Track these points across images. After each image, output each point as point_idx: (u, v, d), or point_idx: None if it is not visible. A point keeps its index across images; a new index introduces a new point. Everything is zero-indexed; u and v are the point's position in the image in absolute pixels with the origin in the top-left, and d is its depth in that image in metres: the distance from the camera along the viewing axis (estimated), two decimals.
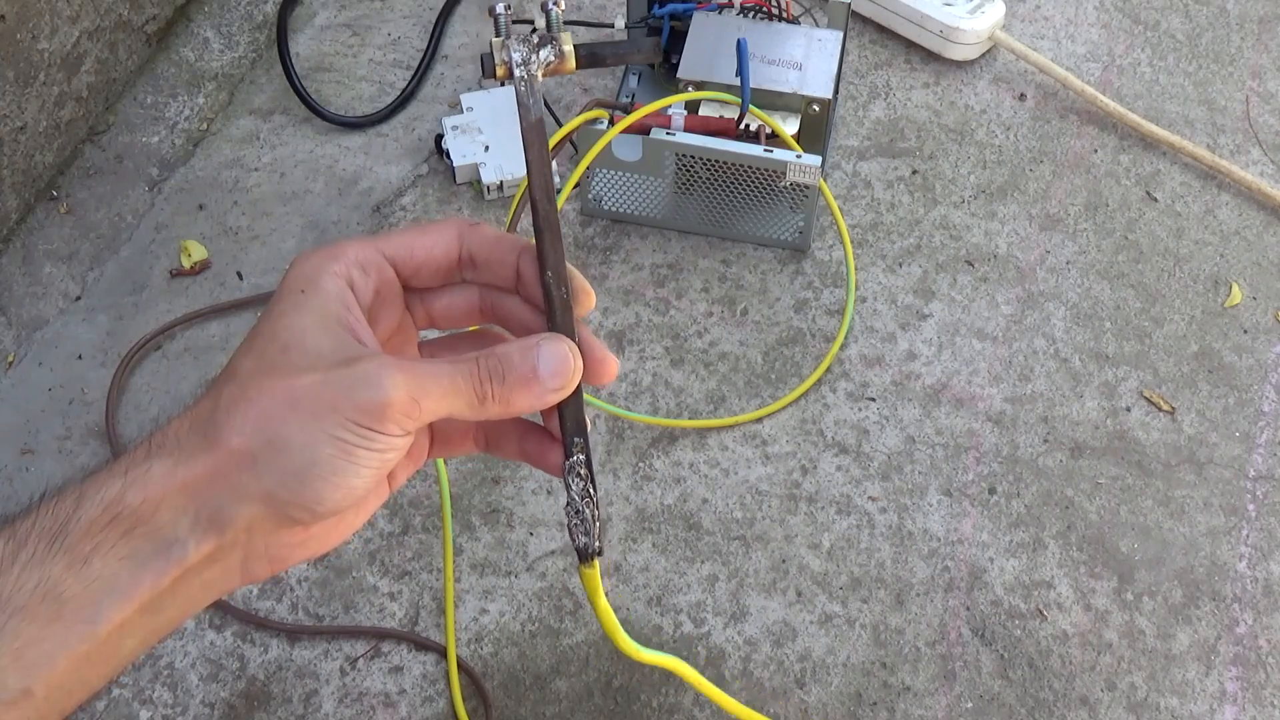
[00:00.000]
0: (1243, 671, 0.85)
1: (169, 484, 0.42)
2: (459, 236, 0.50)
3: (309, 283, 0.46)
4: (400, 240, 0.49)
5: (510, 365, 0.46)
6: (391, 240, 0.49)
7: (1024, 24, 1.23)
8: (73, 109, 1.08)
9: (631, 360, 0.99)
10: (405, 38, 1.20)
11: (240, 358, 0.45)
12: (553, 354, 0.47)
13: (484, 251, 0.50)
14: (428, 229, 0.49)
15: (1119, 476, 0.94)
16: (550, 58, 0.46)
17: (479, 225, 0.50)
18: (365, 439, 0.43)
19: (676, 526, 0.90)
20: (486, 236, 0.50)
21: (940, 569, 0.89)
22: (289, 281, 0.47)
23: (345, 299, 0.47)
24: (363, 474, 0.43)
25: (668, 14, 1.06)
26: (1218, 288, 1.05)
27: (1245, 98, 1.18)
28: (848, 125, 1.14)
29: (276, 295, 0.46)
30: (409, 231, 0.50)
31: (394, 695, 0.83)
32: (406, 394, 0.43)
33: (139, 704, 0.83)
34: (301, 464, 0.42)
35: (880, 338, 1.00)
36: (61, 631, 0.40)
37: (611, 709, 0.83)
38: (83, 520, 0.41)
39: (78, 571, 0.40)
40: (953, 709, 0.83)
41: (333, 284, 0.47)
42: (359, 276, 0.48)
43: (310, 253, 0.48)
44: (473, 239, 0.50)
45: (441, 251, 0.49)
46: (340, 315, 0.46)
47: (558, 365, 0.47)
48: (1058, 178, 1.11)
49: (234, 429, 0.42)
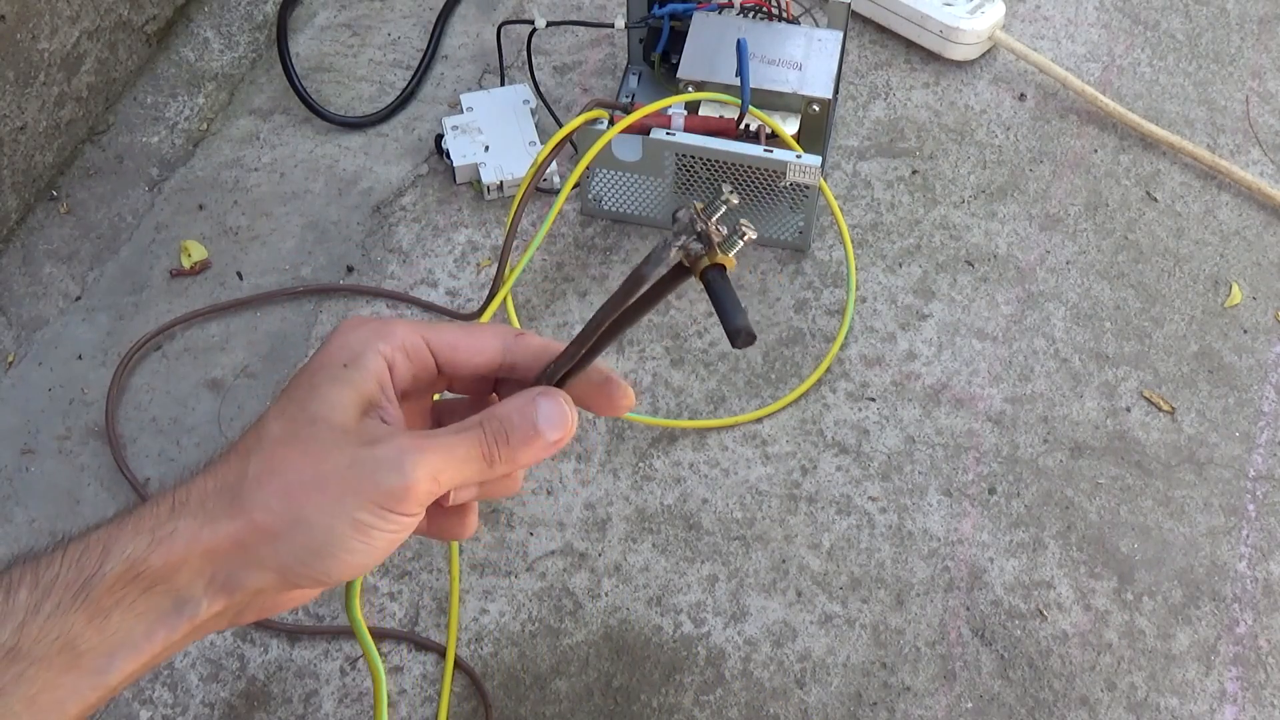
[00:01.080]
0: (1243, 671, 0.85)
1: (193, 549, 0.43)
2: (504, 349, 0.51)
3: (354, 358, 0.47)
4: (448, 337, 0.50)
5: (512, 426, 0.47)
6: (441, 333, 0.50)
7: (1024, 24, 1.23)
8: (73, 109, 1.08)
9: (631, 360, 0.99)
10: (405, 38, 1.20)
11: (270, 421, 0.46)
12: (550, 410, 0.48)
13: (525, 362, 0.50)
14: (476, 333, 0.50)
15: (1119, 476, 0.94)
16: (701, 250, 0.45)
17: (525, 336, 0.51)
18: (383, 520, 0.44)
19: (676, 526, 0.90)
20: (532, 348, 0.50)
21: (940, 569, 0.89)
22: (333, 351, 0.48)
23: (384, 380, 0.48)
24: (375, 553, 0.45)
25: (668, 14, 1.06)
26: (1218, 288, 1.05)
27: (1245, 98, 1.18)
28: (848, 125, 1.14)
29: (319, 359, 0.48)
30: (458, 330, 0.50)
31: (394, 695, 0.83)
32: (427, 474, 0.45)
33: (139, 704, 0.83)
34: (320, 543, 0.44)
35: (880, 338, 1.00)
36: (75, 680, 0.43)
37: (611, 709, 0.83)
38: (107, 576, 0.43)
39: (99, 625, 0.43)
40: (953, 709, 0.83)
41: (376, 364, 0.48)
42: (401, 361, 0.49)
43: (359, 323, 0.49)
44: (517, 351, 0.51)
45: (485, 360, 0.50)
46: (374, 396, 0.47)
47: (556, 419, 0.48)
48: (1058, 178, 1.11)
49: (259, 503, 0.44)
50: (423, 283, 1.03)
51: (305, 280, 1.03)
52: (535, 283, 1.03)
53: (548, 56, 1.18)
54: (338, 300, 1.02)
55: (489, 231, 1.06)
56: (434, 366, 0.50)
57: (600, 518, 0.91)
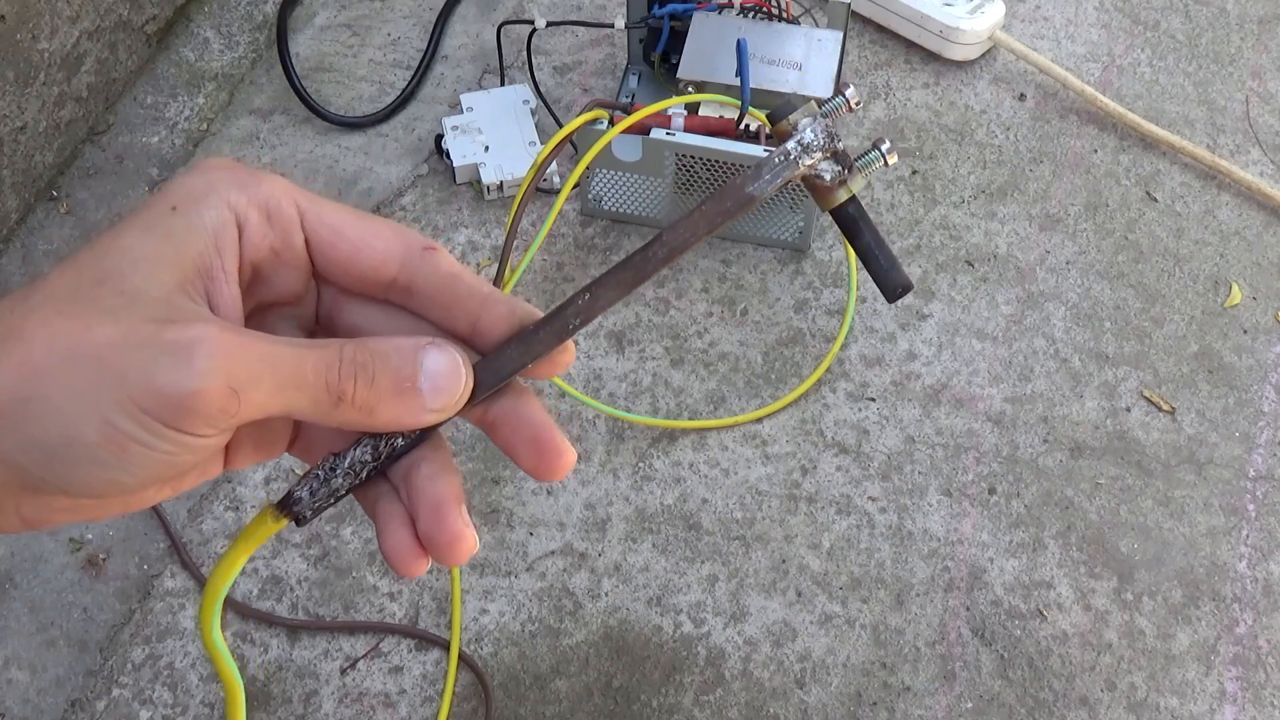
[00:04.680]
0: (1243, 671, 0.85)
1: None
2: (403, 257, 0.38)
3: (190, 201, 0.35)
4: (333, 217, 0.37)
5: (385, 363, 0.35)
6: (324, 209, 0.37)
7: (1024, 24, 1.23)
8: (73, 109, 1.08)
9: (631, 360, 0.99)
10: (405, 38, 1.20)
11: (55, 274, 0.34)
12: (442, 364, 0.36)
13: (431, 287, 0.38)
14: (371, 224, 0.38)
15: (1119, 476, 0.94)
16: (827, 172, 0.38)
17: (435, 251, 0.38)
18: (147, 432, 0.32)
19: (676, 526, 0.90)
20: (440, 271, 0.38)
21: (940, 569, 0.89)
22: (167, 191, 0.35)
23: (223, 242, 0.35)
24: (137, 474, 0.33)
25: (668, 14, 1.06)
26: (1218, 288, 1.05)
27: (1245, 98, 1.18)
28: (848, 125, 1.14)
29: (146, 200, 0.35)
30: (348, 212, 0.38)
31: (394, 695, 0.83)
32: (224, 383, 0.32)
33: (139, 704, 0.83)
34: (56, 440, 0.32)
35: (880, 338, 1.00)
36: None
37: (611, 709, 0.83)
38: None
39: None
40: (953, 709, 0.83)
41: (216, 216, 0.35)
42: (257, 225, 0.36)
43: (214, 164, 0.36)
44: (421, 269, 0.38)
45: (373, 261, 0.38)
46: (203, 261, 0.34)
47: (446, 380, 0.36)
48: (1058, 178, 1.11)
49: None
50: None
51: None
52: (536, 283, 1.03)
53: (548, 56, 1.18)
54: None
55: (489, 231, 1.06)
56: (304, 251, 0.37)
57: (600, 518, 0.91)
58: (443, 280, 0.38)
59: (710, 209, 0.37)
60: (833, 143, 0.37)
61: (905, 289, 0.38)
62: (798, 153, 0.37)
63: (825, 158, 0.37)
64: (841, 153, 0.38)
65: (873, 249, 0.38)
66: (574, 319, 0.37)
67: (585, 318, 0.37)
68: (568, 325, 0.37)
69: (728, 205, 0.37)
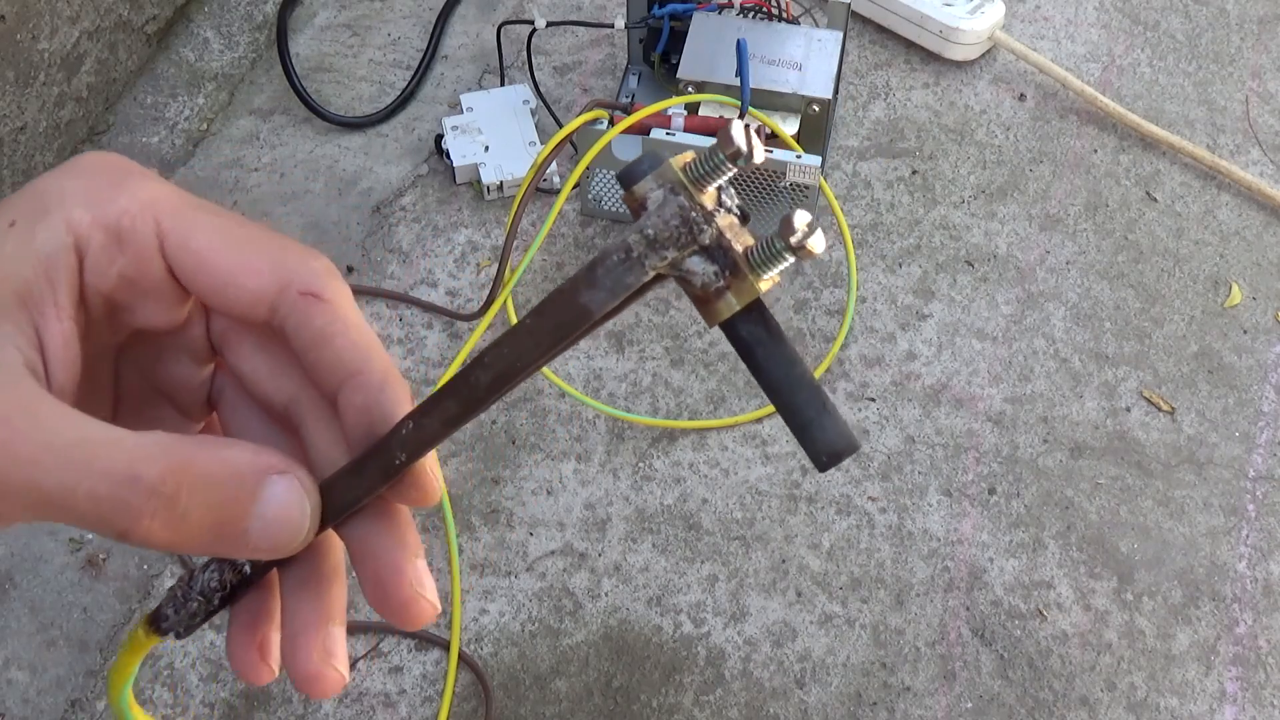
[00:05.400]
0: (1243, 671, 0.85)
1: None
2: (274, 298, 0.31)
3: (29, 218, 0.29)
4: (204, 239, 0.30)
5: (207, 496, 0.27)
6: (193, 228, 0.30)
7: (1024, 24, 1.23)
8: (73, 109, 1.08)
9: (631, 360, 0.99)
10: (405, 38, 1.20)
11: None
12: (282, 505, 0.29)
13: (298, 341, 0.31)
14: (252, 251, 0.31)
15: (1119, 476, 0.94)
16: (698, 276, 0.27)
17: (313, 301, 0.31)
18: None
19: (676, 526, 0.90)
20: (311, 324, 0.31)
21: (940, 569, 0.89)
22: (13, 201, 0.30)
23: (55, 268, 0.29)
24: None
25: (668, 14, 1.06)
26: (1218, 288, 1.05)
27: (1245, 98, 1.18)
28: (848, 125, 1.14)
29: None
30: (228, 235, 0.31)
31: (394, 695, 0.83)
32: None
33: (139, 704, 0.83)
34: None
35: (880, 338, 1.00)
36: None
37: (611, 709, 0.83)
38: None
39: None
40: (953, 709, 0.83)
41: (51, 238, 0.29)
42: (102, 245, 0.30)
43: (80, 167, 0.31)
44: (291, 316, 0.31)
45: (245, 296, 0.31)
46: (28, 289, 0.29)
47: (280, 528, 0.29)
48: (1058, 178, 1.11)
49: None
50: (423, 283, 1.03)
51: None
52: (536, 283, 1.03)
53: (548, 56, 1.18)
54: None
55: (489, 231, 1.06)
56: (167, 279, 0.31)
57: (600, 518, 0.91)
58: (311, 337, 0.30)
59: (539, 326, 0.27)
60: (694, 233, 0.26)
61: (835, 456, 0.26)
62: (641, 249, 0.26)
63: (690, 253, 0.26)
64: (718, 246, 0.26)
65: (786, 389, 0.27)
66: (399, 453, 0.29)
67: (413, 453, 0.29)
68: (393, 461, 0.29)
69: (561, 320, 0.27)
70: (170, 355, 0.33)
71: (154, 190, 0.31)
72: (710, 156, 0.26)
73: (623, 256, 0.26)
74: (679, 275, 0.27)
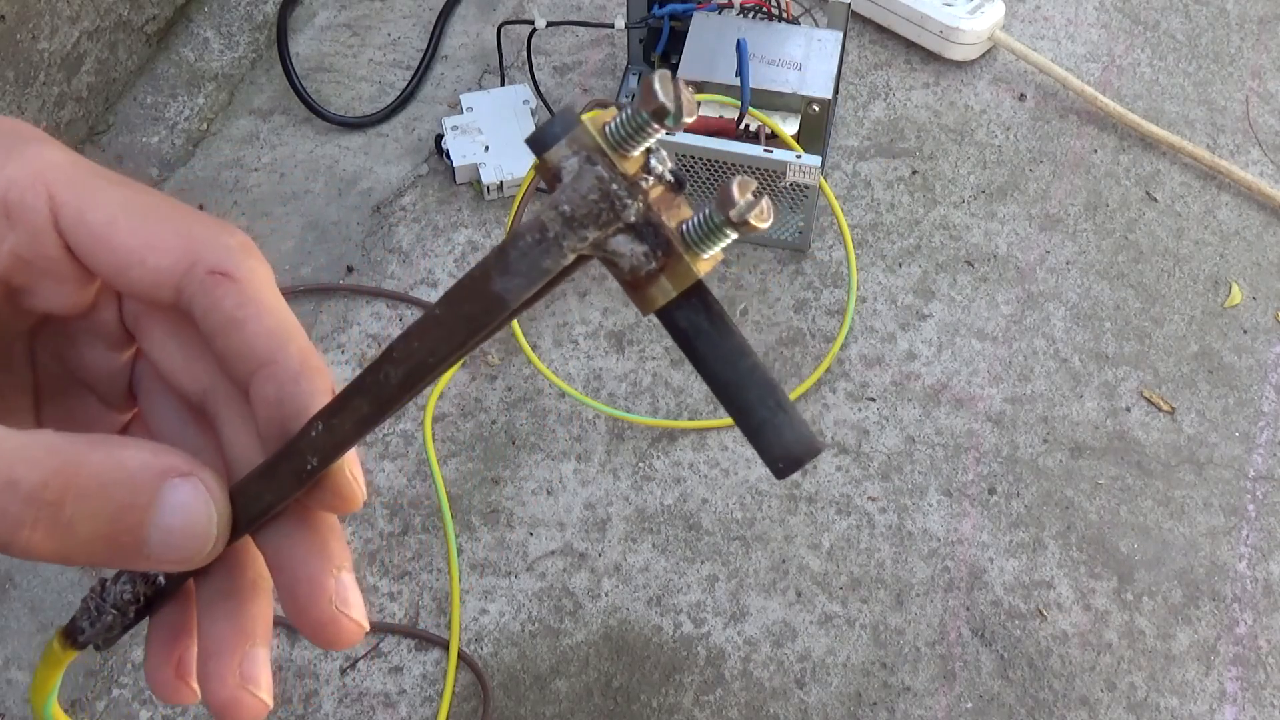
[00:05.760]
0: (1243, 671, 0.85)
1: None
2: (179, 279, 0.28)
3: None
4: (103, 213, 0.28)
5: (98, 504, 0.25)
6: (91, 201, 0.28)
7: (1024, 24, 1.23)
8: (73, 109, 1.08)
9: (631, 360, 0.99)
10: (405, 38, 1.20)
11: None
12: (185, 513, 0.26)
13: (207, 324, 0.28)
14: (156, 225, 0.28)
15: (1119, 476, 0.94)
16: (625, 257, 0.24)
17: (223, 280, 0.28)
18: None
19: (676, 526, 0.90)
20: (221, 307, 0.28)
21: (940, 569, 0.89)
22: None
23: None
24: None
25: (668, 14, 1.06)
26: (1218, 288, 1.05)
27: (1245, 98, 1.18)
28: (848, 125, 1.14)
29: None
30: (131, 207, 0.28)
31: (394, 695, 0.83)
32: None
33: (139, 704, 0.83)
34: None
35: (880, 338, 1.00)
36: None
37: (611, 709, 0.83)
38: None
39: None
40: (953, 709, 0.83)
41: None
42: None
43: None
44: (199, 297, 0.28)
45: (148, 275, 0.28)
46: None
47: (183, 538, 0.26)
48: (1058, 178, 1.11)
49: None
50: (423, 283, 1.03)
51: (305, 280, 1.03)
52: None
53: (548, 56, 1.18)
54: (338, 300, 1.02)
55: (489, 231, 1.06)
56: (66, 257, 0.28)
57: (600, 518, 0.91)
58: (220, 322, 0.28)
59: (450, 316, 0.24)
60: (616, 208, 0.22)
61: (792, 462, 0.23)
62: (558, 228, 0.23)
63: (615, 232, 0.23)
64: (646, 223, 0.22)
65: (734, 385, 0.23)
66: (310, 457, 0.26)
67: (325, 457, 0.26)
68: (305, 466, 0.26)
69: (473, 310, 0.24)
70: (83, 341, 0.30)
71: (48, 157, 0.28)
72: (633, 117, 0.22)
73: (537, 238, 0.23)
74: (604, 256, 0.23)
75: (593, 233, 0.23)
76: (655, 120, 0.22)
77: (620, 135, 0.23)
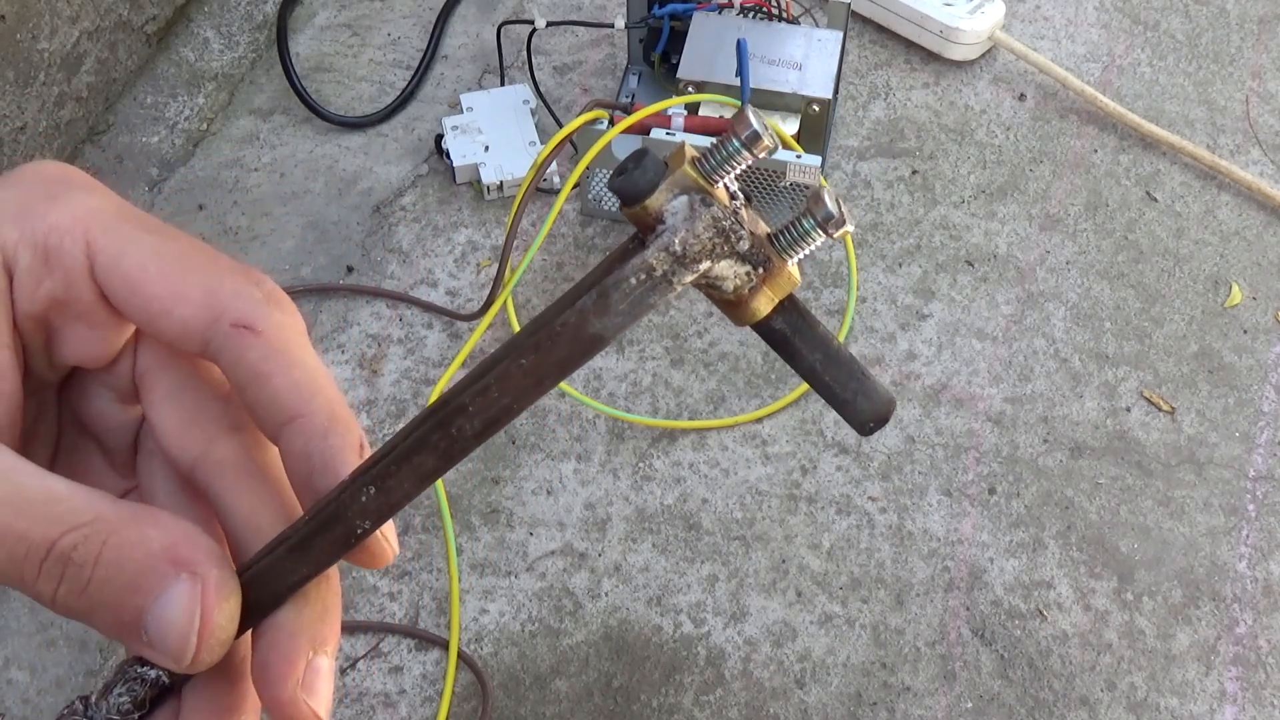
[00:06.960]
0: (1243, 671, 0.85)
1: None
2: (205, 330, 0.28)
3: None
4: (136, 260, 0.28)
5: (110, 575, 0.25)
6: (127, 248, 0.28)
7: (1024, 24, 1.23)
8: (73, 109, 1.08)
9: (631, 360, 0.99)
10: (405, 38, 1.20)
11: None
12: (174, 616, 0.25)
13: (234, 377, 0.28)
14: (186, 274, 0.28)
15: (1119, 476, 0.94)
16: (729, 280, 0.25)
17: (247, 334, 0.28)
18: None
19: (676, 526, 0.90)
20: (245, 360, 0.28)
21: (940, 569, 0.89)
22: None
23: None
24: None
25: (668, 14, 1.06)
26: (1218, 288, 1.05)
27: (1245, 98, 1.18)
28: (848, 125, 1.14)
29: None
30: (164, 256, 0.28)
31: (394, 695, 0.83)
32: None
33: None
34: None
35: (880, 338, 1.00)
36: None
37: (611, 709, 0.83)
38: None
39: None
40: (953, 709, 0.83)
41: None
42: (29, 265, 0.27)
43: (18, 176, 0.28)
44: (225, 350, 0.28)
45: (174, 326, 0.28)
46: None
47: (175, 640, 0.26)
48: (1058, 178, 1.11)
49: None
50: (423, 283, 1.03)
51: (305, 280, 1.03)
52: (535, 283, 1.03)
53: (548, 56, 1.18)
54: (338, 300, 1.02)
55: (489, 231, 1.06)
56: (99, 303, 0.28)
57: (600, 518, 0.91)
58: (246, 376, 0.28)
59: (540, 362, 0.24)
60: (732, 241, 0.23)
61: (879, 420, 0.26)
62: (668, 267, 0.24)
63: (720, 259, 0.24)
64: (750, 250, 0.24)
65: (825, 372, 0.26)
66: (362, 523, 0.26)
67: (378, 520, 0.26)
68: (354, 532, 0.26)
69: (571, 354, 0.24)
70: (97, 393, 0.31)
71: (92, 203, 0.28)
72: (723, 146, 0.24)
73: (643, 279, 0.24)
74: (707, 284, 0.25)
75: (705, 265, 0.24)
76: (747, 148, 0.24)
77: (709, 167, 0.24)
